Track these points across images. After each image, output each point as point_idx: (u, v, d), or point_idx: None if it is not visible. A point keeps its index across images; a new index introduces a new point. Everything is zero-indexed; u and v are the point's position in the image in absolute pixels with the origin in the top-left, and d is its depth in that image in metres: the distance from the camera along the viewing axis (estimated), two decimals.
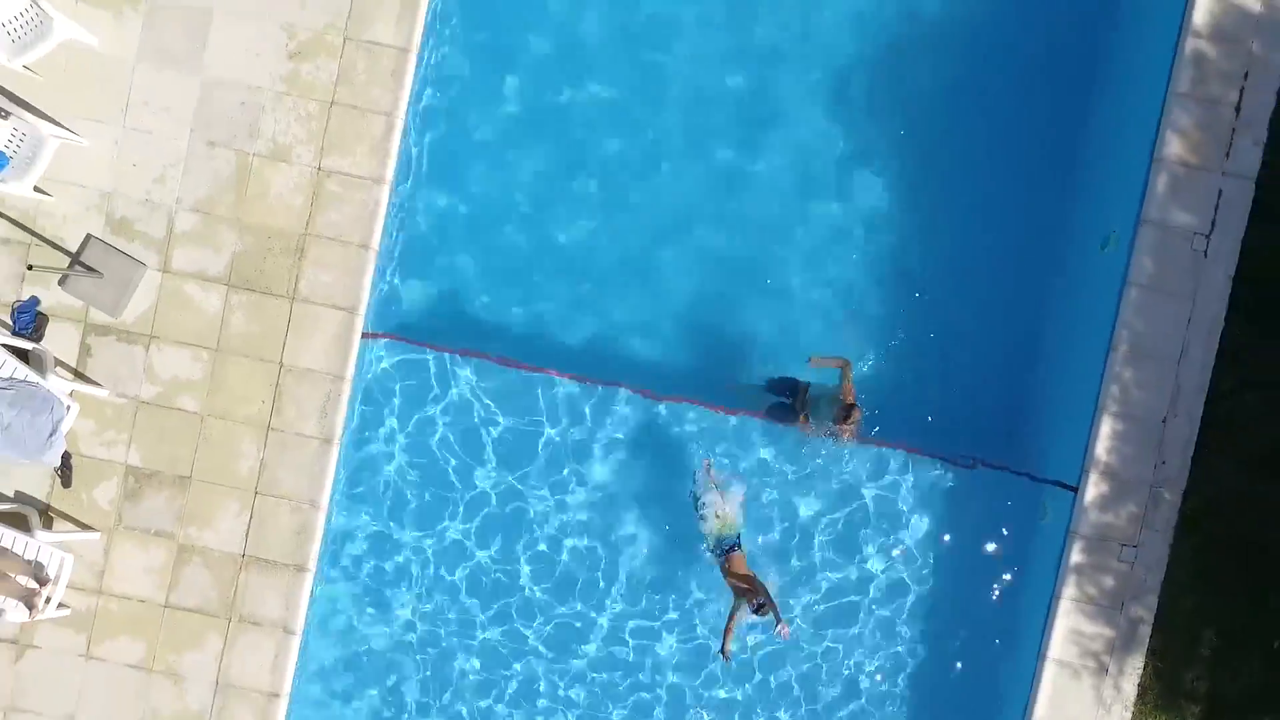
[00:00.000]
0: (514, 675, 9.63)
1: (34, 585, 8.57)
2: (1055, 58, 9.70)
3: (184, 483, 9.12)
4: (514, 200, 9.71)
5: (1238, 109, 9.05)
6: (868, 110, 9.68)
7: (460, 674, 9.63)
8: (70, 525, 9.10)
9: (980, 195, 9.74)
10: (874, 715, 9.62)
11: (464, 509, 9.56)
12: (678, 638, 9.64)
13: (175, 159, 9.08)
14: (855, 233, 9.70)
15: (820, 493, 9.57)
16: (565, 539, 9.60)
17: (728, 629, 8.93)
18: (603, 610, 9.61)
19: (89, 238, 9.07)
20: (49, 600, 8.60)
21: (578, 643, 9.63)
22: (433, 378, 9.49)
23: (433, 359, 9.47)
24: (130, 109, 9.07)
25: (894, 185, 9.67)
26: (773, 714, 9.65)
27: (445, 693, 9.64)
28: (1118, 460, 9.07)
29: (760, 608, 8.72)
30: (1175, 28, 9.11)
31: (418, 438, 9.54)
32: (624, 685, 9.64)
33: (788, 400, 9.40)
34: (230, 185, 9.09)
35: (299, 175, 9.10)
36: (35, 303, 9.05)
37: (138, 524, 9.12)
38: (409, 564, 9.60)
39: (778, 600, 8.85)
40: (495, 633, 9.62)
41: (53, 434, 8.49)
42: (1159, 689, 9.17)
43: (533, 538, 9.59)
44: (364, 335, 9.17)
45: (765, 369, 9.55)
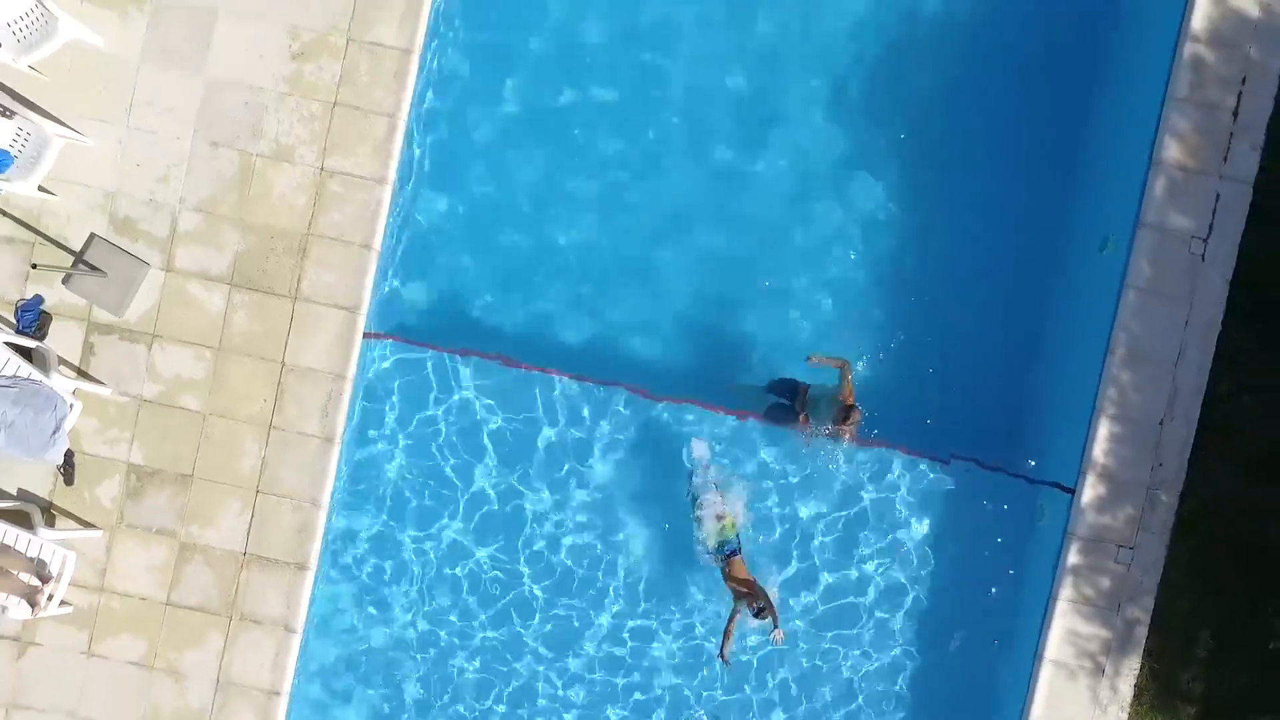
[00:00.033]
0: (513, 675, 9.64)
1: (36, 583, 8.58)
2: (1055, 61, 9.72)
3: (186, 481, 9.14)
4: (515, 201, 9.73)
5: (1235, 114, 9.08)
6: (867, 112, 9.70)
7: (459, 673, 9.65)
8: (73, 523, 9.12)
9: (979, 199, 9.76)
10: (871, 715, 9.63)
11: (464, 508, 9.58)
12: (676, 638, 9.65)
13: (179, 159, 9.11)
14: (855, 234, 9.72)
15: (819, 494, 9.58)
16: (565, 538, 9.61)
17: (727, 631, 8.94)
18: (602, 610, 9.63)
19: (93, 237, 9.09)
20: (51, 598, 8.61)
21: (577, 643, 9.64)
22: (433, 377, 9.51)
23: (433, 359, 9.49)
24: (134, 109, 9.09)
25: (893, 187, 9.70)
26: (770, 714, 9.65)
27: (445, 693, 9.65)
28: (1115, 462, 9.10)
29: (760, 611, 8.74)
30: (1174, 32, 9.14)
31: (418, 437, 9.56)
32: (622, 685, 9.65)
33: (787, 402, 9.40)
34: (233, 185, 9.12)
35: (302, 175, 9.13)
36: (39, 301, 9.07)
37: (140, 522, 9.15)
38: (409, 563, 9.61)
39: (778, 605, 8.88)
40: (494, 632, 9.63)
41: (56, 432, 8.50)
42: (1155, 690, 9.18)
43: (532, 537, 9.60)
44: (365, 335, 9.19)
45: (765, 370, 9.56)
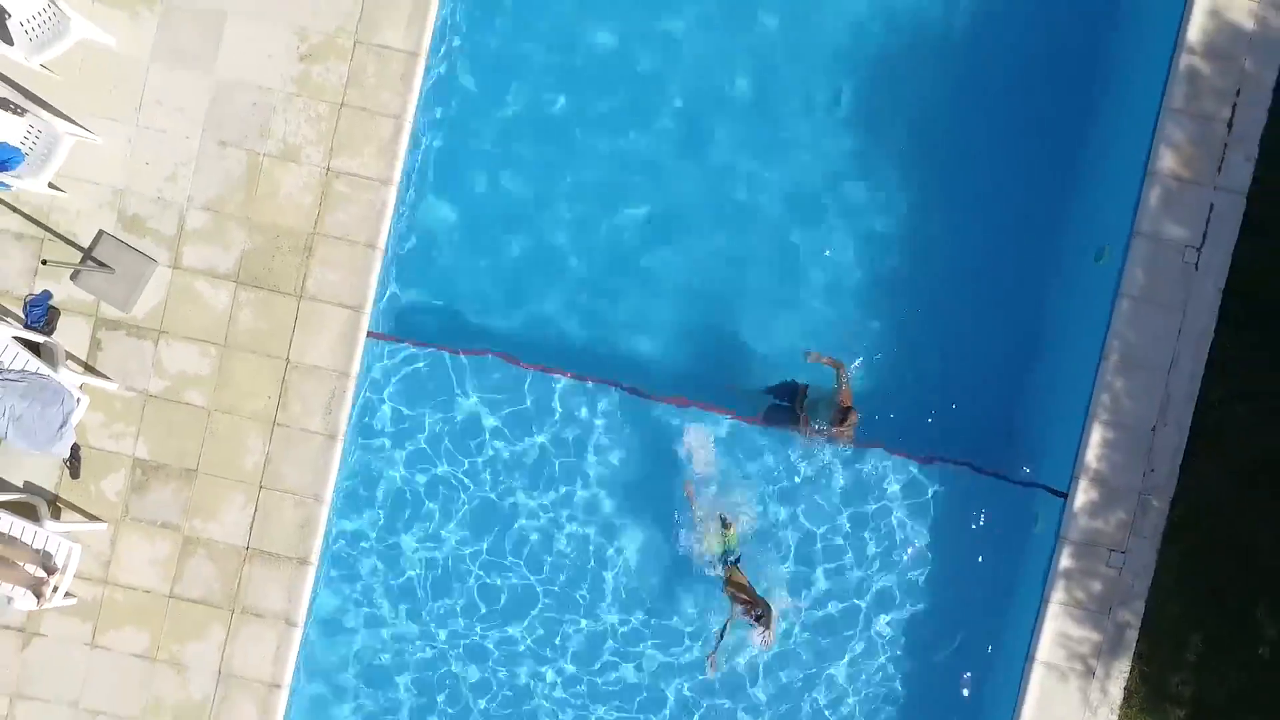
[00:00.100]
0: (511, 675, 9.67)
1: (42, 574, 8.64)
2: (1053, 70, 9.73)
3: (190, 476, 9.21)
4: (516, 202, 9.75)
5: (1230, 125, 9.14)
6: (866, 116, 9.72)
7: (458, 673, 9.67)
8: (78, 516, 9.19)
9: (976, 203, 9.77)
10: (863, 716, 9.66)
11: (464, 507, 9.62)
12: (675, 639, 9.66)
13: (187, 158, 9.18)
14: (853, 236, 9.73)
15: (816, 496, 9.62)
16: (564, 538, 9.64)
17: (720, 636, 9.01)
18: (601, 611, 9.65)
19: (101, 234, 9.16)
20: (56, 589, 8.66)
21: (576, 643, 9.67)
22: (434, 376, 9.55)
23: (433, 357, 9.53)
24: (144, 108, 9.17)
25: (891, 191, 9.72)
26: (762, 717, 9.66)
27: (442, 692, 9.66)
28: (1108, 468, 9.15)
29: (759, 618, 8.81)
30: (1170, 44, 9.19)
31: (419, 435, 9.60)
32: (620, 687, 9.68)
33: (786, 403, 9.46)
34: (241, 184, 9.19)
35: (308, 175, 9.20)
36: (47, 297, 9.13)
37: (144, 515, 9.21)
38: (408, 562, 9.64)
39: (778, 618, 8.95)
40: (493, 632, 9.66)
41: (63, 426, 8.57)
42: (1145, 692, 9.23)
43: (531, 537, 9.63)
44: (369, 335, 9.24)
45: (764, 371, 9.59)
